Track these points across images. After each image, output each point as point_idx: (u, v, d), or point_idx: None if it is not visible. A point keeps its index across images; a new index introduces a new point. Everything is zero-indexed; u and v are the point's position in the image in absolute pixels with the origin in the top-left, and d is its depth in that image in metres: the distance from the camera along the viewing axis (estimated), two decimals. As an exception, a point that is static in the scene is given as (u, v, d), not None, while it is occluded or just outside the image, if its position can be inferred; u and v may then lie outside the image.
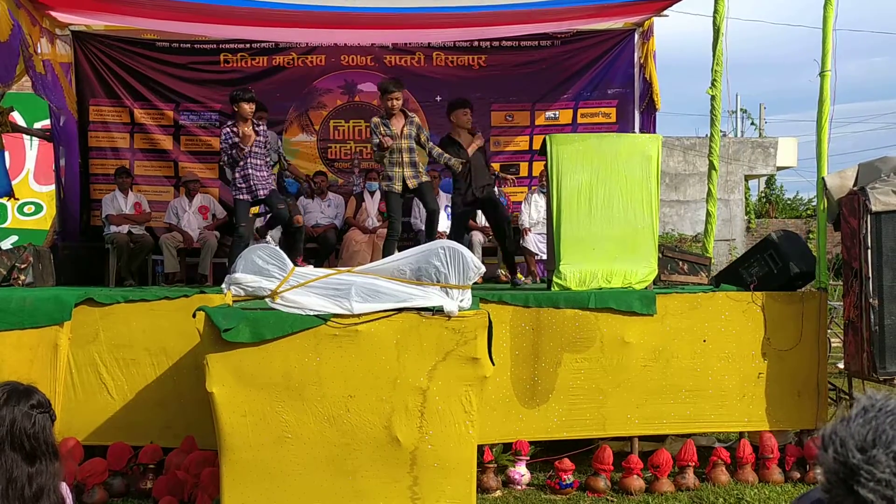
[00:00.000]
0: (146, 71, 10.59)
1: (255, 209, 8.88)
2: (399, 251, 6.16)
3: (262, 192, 8.29)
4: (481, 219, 9.63)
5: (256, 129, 8.28)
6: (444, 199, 9.89)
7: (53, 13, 9.21)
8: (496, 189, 8.99)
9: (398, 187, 8.04)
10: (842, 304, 7.20)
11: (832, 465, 0.89)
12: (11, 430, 2.74)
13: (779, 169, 22.31)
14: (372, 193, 10.30)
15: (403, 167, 8.03)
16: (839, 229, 7.04)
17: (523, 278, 9.11)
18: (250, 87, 8.81)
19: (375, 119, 8.17)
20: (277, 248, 6.14)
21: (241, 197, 8.23)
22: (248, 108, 8.13)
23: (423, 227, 9.61)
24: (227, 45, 10.66)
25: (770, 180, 24.69)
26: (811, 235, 18.54)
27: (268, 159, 8.52)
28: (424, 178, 8.24)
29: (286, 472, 4.82)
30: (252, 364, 4.82)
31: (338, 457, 4.84)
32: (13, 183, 12.03)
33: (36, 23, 8.75)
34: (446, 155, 8.18)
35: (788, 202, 25.08)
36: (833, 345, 8.52)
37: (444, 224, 9.29)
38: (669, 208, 19.17)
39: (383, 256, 7.78)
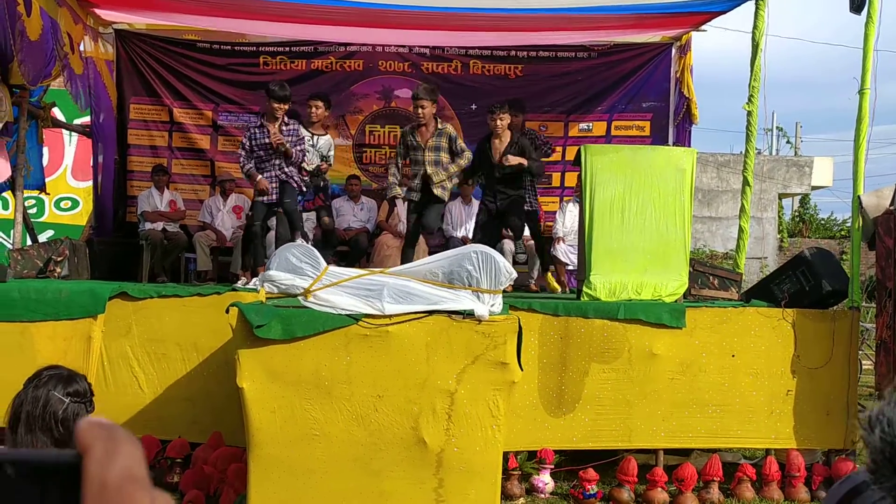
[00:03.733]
0: (186, 71, 10.71)
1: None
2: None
3: (270, 199, 8.09)
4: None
5: (285, 124, 8.16)
6: (475, 207, 9.92)
7: (97, 10, 9.35)
8: (528, 200, 8.89)
9: (415, 196, 8.07)
10: (874, 325, 7.14)
11: (878, 445, 0.91)
12: (43, 412, 2.78)
13: (814, 188, 22.13)
14: (405, 200, 10.34)
15: (426, 179, 8.02)
16: (874, 248, 6.99)
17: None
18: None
19: (404, 129, 8.21)
20: (311, 246, 6.18)
21: (256, 198, 8.21)
22: (276, 106, 8.04)
23: (455, 235, 9.66)
24: (266, 47, 10.77)
25: (804, 199, 24.49)
26: (844, 256, 18.36)
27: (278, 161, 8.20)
28: (439, 192, 8.10)
29: (313, 470, 4.85)
30: (283, 361, 4.86)
31: (364, 456, 4.87)
32: (52, 178, 12.25)
33: (79, 20, 8.88)
34: (452, 168, 8.10)
35: (822, 222, 24.85)
36: (864, 367, 8.46)
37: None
38: (701, 224, 19.07)
39: (402, 263, 7.84)
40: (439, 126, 8.09)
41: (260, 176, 8.03)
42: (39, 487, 0.48)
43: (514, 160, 8.22)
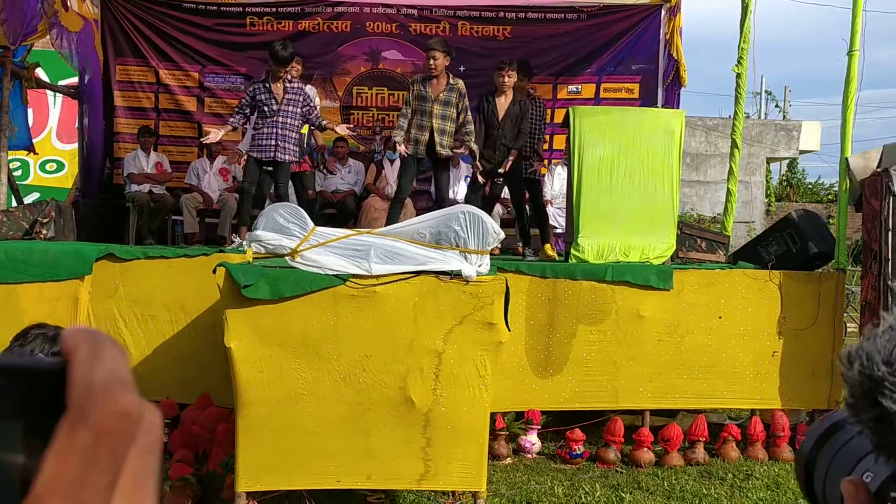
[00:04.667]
0: (173, 32, 10.62)
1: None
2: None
3: (267, 155, 8.05)
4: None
5: (288, 82, 8.11)
6: (464, 170, 9.90)
7: (82, -30, 9.24)
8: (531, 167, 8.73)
9: (421, 151, 7.94)
10: (859, 288, 7.19)
11: (857, 379, 0.92)
12: None
13: (801, 153, 22.16)
14: (392, 161, 10.30)
15: (433, 133, 7.86)
16: (860, 210, 7.01)
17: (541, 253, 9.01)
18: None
19: (415, 76, 8.12)
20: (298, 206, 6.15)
21: (250, 154, 8.17)
22: (279, 68, 7.95)
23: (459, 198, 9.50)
24: (253, 7, 10.67)
25: (792, 164, 24.53)
26: (831, 220, 18.44)
27: (291, 120, 8.18)
28: (447, 153, 8.03)
29: (301, 429, 4.87)
30: (270, 321, 4.86)
31: (352, 416, 4.89)
32: (36, 140, 12.13)
33: (65, -22, 8.78)
34: (469, 137, 7.96)
35: (810, 186, 24.91)
36: (849, 329, 8.50)
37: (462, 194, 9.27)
38: (689, 188, 19.07)
39: (388, 221, 7.75)
40: (451, 81, 7.93)
41: (217, 131, 8.18)
42: (24, 392, 0.48)
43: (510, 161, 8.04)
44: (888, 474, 0.95)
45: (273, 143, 7.97)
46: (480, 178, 8.08)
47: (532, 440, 6.67)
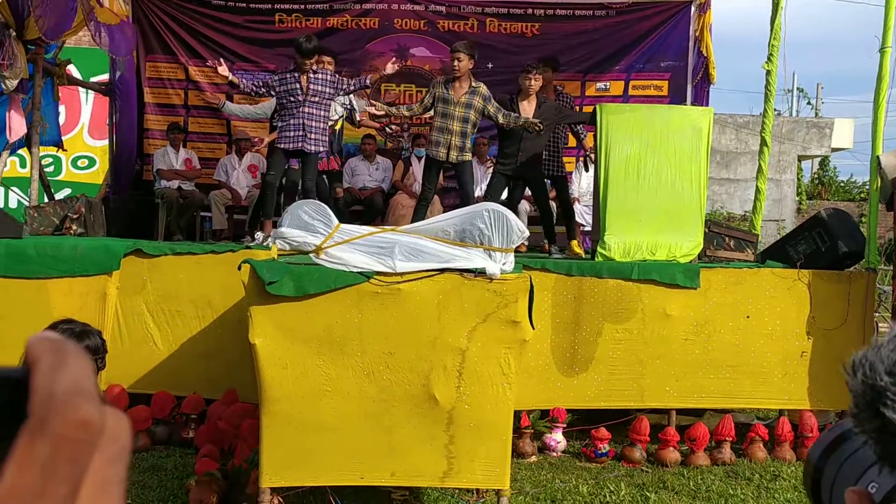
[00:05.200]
0: (202, 29, 10.69)
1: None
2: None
3: (294, 145, 8.11)
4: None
5: (314, 72, 8.15)
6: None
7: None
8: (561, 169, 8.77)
9: (442, 154, 7.96)
10: (891, 287, 7.10)
11: (860, 389, 0.91)
12: None
13: (833, 150, 21.92)
14: (420, 159, 10.30)
15: (452, 135, 7.92)
16: (892, 209, 6.92)
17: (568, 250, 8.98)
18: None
19: (437, 79, 8.15)
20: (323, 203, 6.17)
21: (277, 144, 8.26)
22: (304, 60, 8.01)
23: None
24: (282, 4, 10.72)
25: (824, 161, 24.28)
26: (863, 219, 18.22)
27: (317, 111, 8.24)
28: (467, 157, 8.06)
29: (324, 426, 4.88)
30: (295, 317, 4.87)
31: (376, 412, 4.89)
32: (68, 136, 12.26)
33: (96, -26, 8.84)
34: (520, 117, 7.87)
35: (842, 184, 24.64)
36: (880, 329, 8.40)
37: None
38: (719, 186, 18.94)
39: (413, 222, 7.76)
40: (473, 84, 7.96)
41: (227, 72, 8.19)
42: None
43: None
44: (892, 485, 0.94)
45: (300, 133, 8.04)
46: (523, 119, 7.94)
47: (557, 438, 6.66)
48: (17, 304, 6.46)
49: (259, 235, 8.12)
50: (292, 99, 8.03)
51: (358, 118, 9.62)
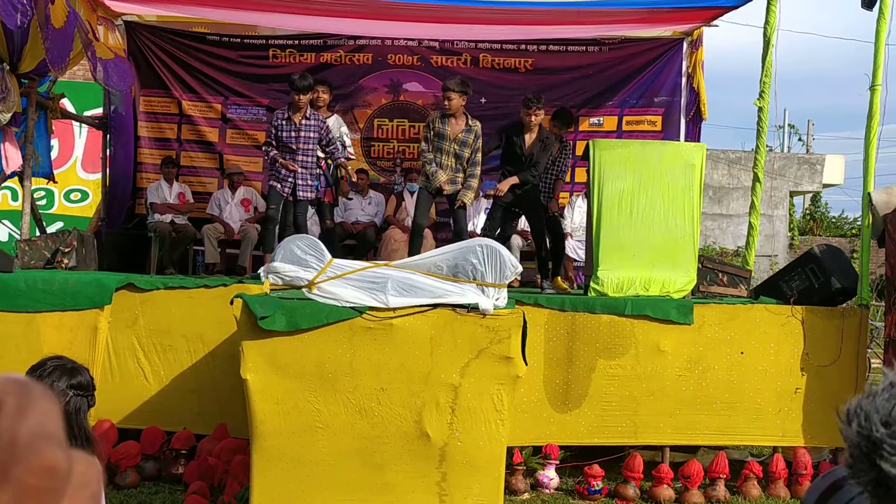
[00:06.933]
0: (196, 64, 10.71)
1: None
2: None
3: (286, 191, 8.28)
4: (524, 223, 9.52)
5: (306, 118, 8.25)
6: (484, 203, 9.88)
7: (106, 2, 9.31)
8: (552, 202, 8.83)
9: (434, 186, 7.98)
10: (883, 323, 7.09)
11: (855, 439, 0.89)
12: None
13: (825, 186, 22.04)
14: (412, 193, 10.29)
15: (445, 170, 7.95)
16: (883, 246, 6.94)
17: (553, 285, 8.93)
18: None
19: (434, 114, 8.16)
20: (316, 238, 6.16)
21: (272, 183, 8.39)
22: (299, 97, 8.12)
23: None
24: (276, 40, 10.76)
25: (815, 197, 24.40)
26: (855, 254, 18.28)
27: (310, 158, 8.39)
28: (460, 190, 8.05)
29: (316, 462, 4.84)
30: (287, 353, 4.85)
31: (367, 449, 4.86)
32: (61, 169, 12.26)
33: (94, 11, 8.87)
34: (473, 183, 8.04)
35: (833, 220, 24.77)
36: (873, 365, 8.40)
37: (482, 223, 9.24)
38: (711, 221, 19.00)
39: (409, 254, 7.76)
40: (470, 122, 8.01)
41: (282, 158, 8.23)
42: None
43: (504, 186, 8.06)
44: None
45: (292, 181, 8.22)
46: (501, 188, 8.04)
47: (550, 475, 6.60)
48: (7, 338, 6.41)
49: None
50: (285, 147, 8.23)
51: (341, 159, 9.49)
